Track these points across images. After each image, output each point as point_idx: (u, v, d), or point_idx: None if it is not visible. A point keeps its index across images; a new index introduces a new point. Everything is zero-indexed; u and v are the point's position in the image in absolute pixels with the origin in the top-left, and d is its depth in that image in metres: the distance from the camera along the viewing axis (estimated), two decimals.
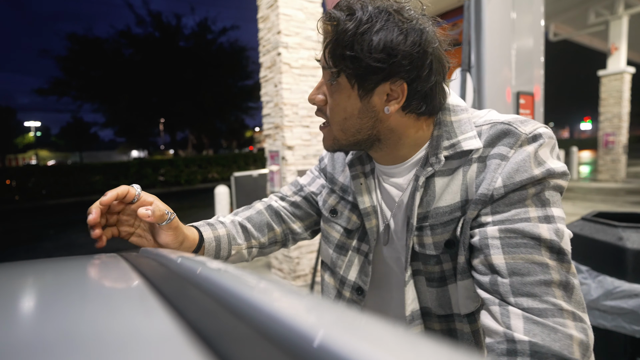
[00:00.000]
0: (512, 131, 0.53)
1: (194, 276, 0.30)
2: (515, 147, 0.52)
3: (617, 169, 8.54)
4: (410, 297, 0.61)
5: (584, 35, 9.28)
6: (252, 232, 0.75)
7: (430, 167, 0.58)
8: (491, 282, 0.49)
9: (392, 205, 0.66)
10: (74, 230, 6.78)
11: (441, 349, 0.15)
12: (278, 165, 3.14)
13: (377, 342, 0.15)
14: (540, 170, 0.50)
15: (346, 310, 0.20)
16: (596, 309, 1.35)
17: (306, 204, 0.80)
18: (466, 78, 1.79)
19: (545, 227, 0.49)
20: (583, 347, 0.44)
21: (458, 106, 0.61)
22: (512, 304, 0.47)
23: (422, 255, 0.60)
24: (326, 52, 0.54)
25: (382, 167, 0.66)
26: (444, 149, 0.57)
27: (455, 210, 0.56)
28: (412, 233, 0.59)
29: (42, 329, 0.20)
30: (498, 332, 0.46)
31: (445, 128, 0.59)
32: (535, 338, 0.44)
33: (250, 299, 0.21)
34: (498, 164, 0.52)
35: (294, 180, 0.85)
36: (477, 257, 0.52)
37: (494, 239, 0.50)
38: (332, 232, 0.74)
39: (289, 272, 3.15)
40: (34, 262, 0.43)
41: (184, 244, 0.64)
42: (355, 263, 0.70)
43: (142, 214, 0.56)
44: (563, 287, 0.47)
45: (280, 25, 2.94)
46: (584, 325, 0.46)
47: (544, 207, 0.50)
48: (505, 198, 0.51)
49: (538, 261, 0.48)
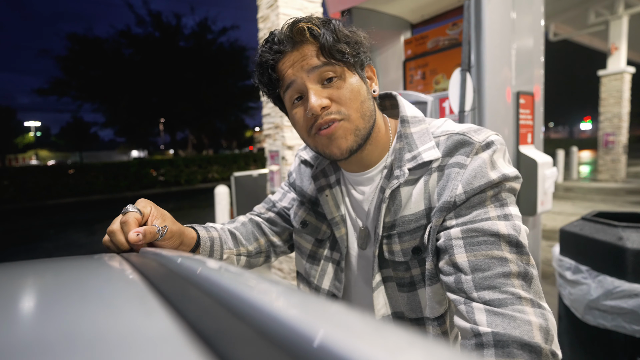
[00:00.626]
0: (467, 141, 0.58)
1: (194, 276, 0.30)
2: (472, 155, 0.57)
3: (617, 169, 8.54)
4: (380, 303, 0.65)
5: (584, 35, 9.27)
6: (241, 240, 0.79)
7: (395, 180, 0.61)
8: (456, 281, 0.52)
9: (361, 213, 0.69)
10: (74, 230, 6.78)
11: (441, 349, 0.15)
12: (278, 165, 3.14)
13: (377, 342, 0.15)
14: (496, 174, 0.55)
15: (346, 310, 0.20)
16: (596, 308, 1.35)
17: (280, 219, 0.84)
18: (466, 78, 1.79)
19: (503, 224, 0.52)
20: (543, 331, 0.46)
21: (415, 117, 0.66)
22: (476, 299, 0.50)
23: (392, 262, 0.63)
24: (324, 54, 0.58)
25: (350, 175, 0.69)
26: (407, 162, 0.62)
27: (421, 218, 0.60)
28: (377, 242, 0.63)
29: (42, 329, 0.20)
30: (467, 329, 0.49)
31: (406, 140, 0.63)
32: (497, 328, 0.46)
33: (250, 299, 0.21)
34: (457, 172, 0.57)
35: (267, 198, 0.89)
36: (443, 259, 0.56)
37: (457, 240, 0.54)
38: (304, 242, 0.78)
39: (289, 272, 3.15)
40: (34, 262, 0.43)
41: (183, 241, 0.65)
42: (327, 271, 0.73)
43: (134, 239, 0.53)
44: (522, 277, 0.50)
45: (281, 25, 2.94)
46: (543, 311, 0.48)
47: (502, 207, 0.54)
48: (467, 202, 0.55)
49: (497, 256, 0.51)
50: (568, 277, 1.48)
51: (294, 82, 0.59)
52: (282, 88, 0.62)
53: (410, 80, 2.58)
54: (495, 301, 0.48)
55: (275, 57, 0.60)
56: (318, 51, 0.58)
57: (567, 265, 1.51)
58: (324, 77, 0.59)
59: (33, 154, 44.36)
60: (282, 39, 0.60)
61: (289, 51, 0.59)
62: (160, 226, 0.59)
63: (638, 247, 1.28)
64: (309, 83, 0.59)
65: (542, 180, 1.87)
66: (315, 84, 0.59)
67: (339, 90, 0.59)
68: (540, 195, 1.87)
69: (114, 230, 0.56)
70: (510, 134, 1.94)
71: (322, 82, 0.59)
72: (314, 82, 0.59)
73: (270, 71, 0.61)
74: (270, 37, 0.62)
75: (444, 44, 2.36)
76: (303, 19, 0.59)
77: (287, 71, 0.60)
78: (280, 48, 0.59)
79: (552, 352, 0.45)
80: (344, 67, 0.59)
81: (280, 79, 0.61)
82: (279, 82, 0.62)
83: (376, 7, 2.53)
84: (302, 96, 0.61)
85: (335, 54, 0.58)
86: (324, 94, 0.59)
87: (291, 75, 0.59)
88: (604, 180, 8.75)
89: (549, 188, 1.91)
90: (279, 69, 0.61)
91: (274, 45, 0.60)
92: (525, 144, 1.98)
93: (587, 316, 1.38)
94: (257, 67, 0.63)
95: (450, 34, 2.31)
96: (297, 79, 0.59)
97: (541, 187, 1.87)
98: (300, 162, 0.84)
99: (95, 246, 5.36)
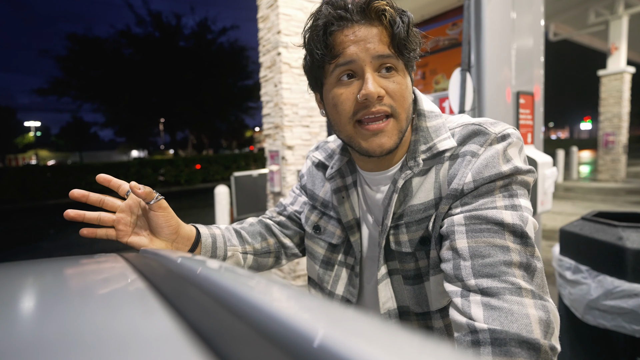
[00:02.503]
0: (482, 131, 0.56)
1: (194, 276, 0.30)
2: (486, 145, 0.55)
3: (617, 168, 8.54)
4: (386, 296, 0.63)
5: (584, 35, 9.27)
6: (246, 238, 0.77)
7: (409, 170, 0.60)
8: (454, 267, 0.51)
9: (379, 213, 0.67)
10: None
11: (441, 349, 0.15)
12: (278, 165, 3.13)
13: (377, 342, 0.15)
14: (508, 167, 0.53)
15: (346, 310, 0.19)
16: (596, 308, 1.35)
17: (291, 222, 0.83)
18: (466, 78, 1.79)
19: (510, 213, 0.50)
20: (543, 324, 0.44)
21: (432, 112, 0.64)
22: (473, 287, 0.47)
23: (399, 254, 0.62)
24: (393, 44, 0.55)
25: (368, 174, 0.67)
26: (421, 153, 0.60)
27: (429, 208, 0.59)
28: (385, 233, 0.62)
29: (42, 329, 0.20)
30: (462, 324, 0.47)
31: (422, 133, 0.62)
32: (494, 324, 0.44)
33: (250, 299, 0.21)
34: (469, 160, 0.55)
35: (278, 202, 0.87)
36: (444, 245, 0.54)
37: (460, 226, 0.52)
38: (317, 248, 0.75)
39: (289, 272, 3.15)
40: (34, 262, 0.43)
41: (181, 233, 0.65)
42: (342, 277, 0.72)
43: (134, 185, 0.59)
44: (524, 268, 0.48)
45: (280, 25, 2.94)
46: (544, 302, 0.46)
47: (511, 198, 0.52)
48: (475, 191, 0.53)
49: (499, 244, 0.49)
50: (568, 277, 1.48)
51: (353, 62, 0.54)
52: (335, 61, 0.56)
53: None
54: (493, 289, 0.46)
55: (340, 24, 0.55)
56: (389, 39, 0.55)
57: (567, 265, 1.51)
58: (383, 66, 0.55)
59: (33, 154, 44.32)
60: (353, 9, 0.54)
61: (356, 24, 0.54)
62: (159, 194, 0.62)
63: (638, 247, 1.28)
64: (369, 68, 0.55)
65: (542, 180, 1.87)
66: (374, 70, 0.55)
67: (395, 85, 0.56)
68: (540, 195, 1.87)
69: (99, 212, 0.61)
70: None
71: (380, 70, 0.56)
72: (375, 68, 0.55)
73: (329, 36, 0.55)
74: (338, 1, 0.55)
75: (444, 44, 2.36)
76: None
77: (349, 46, 0.54)
78: (348, 16, 0.54)
79: (551, 347, 0.43)
80: (404, 64, 0.57)
81: (337, 50, 0.55)
82: (333, 51, 0.55)
83: None
84: (354, 76, 0.56)
85: (403, 49, 0.55)
86: (381, 83, 0.55)
87: (353, 53, 0.54)
88: (604, 180, 8.75)
89: (549, 188, 1.91)
90: (337, 38, 0.55)
91: (340, 11, 0.54)
92: (525, 144, 1.98)
93: (587, 316, 1.38)
94: (313, 28, 0.57)
95: (450, 34, 2.31)
96: (358, 60, 0.54)
97: (541, 187, 1.87)
98: (312, 163, 0.81)
99: (95, 246, 5.36)
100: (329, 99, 0.59)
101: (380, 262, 0.63)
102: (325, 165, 0.76)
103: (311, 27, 0.57)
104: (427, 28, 2.59)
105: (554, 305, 0.47)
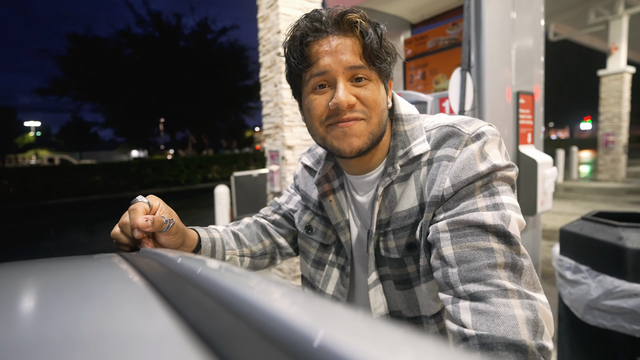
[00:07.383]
0: (456, 132, 0.57)
1: (194, 276, 0.30)
2: (461, 147, 0.55)
3: (617, 168, 8.53)
4: (377, 301, 0.64)
5: (584, 35, 9.27)
6: (244, 241, 0.79)
7: (387, 177, 0.61)
8: (444, 274, 0.51)
9: (366, 217, 0.69)
10: (74, 230, 6.78)
11: (441, 349, 0.15)
12: (278, 165, 3.13)
13: (377, 342, 0.15)
14: (485, 165, 0.53)
15: (346, 310, 0.19)
16: (596, 308, 1.35)
17: (285, 221, 0.84)
18: (466, 78, 1.79)
19: (491, 214, 0.51)
20: (530, 324, 0.44)
21: (410, 115, 0.65)
22: (462, 293, 0.48)
23: (388, 259, 0.63)
24: (365, 55, 0.57)
25: (352, 178, 0.69)
26: (399, 158, 0.62)
27: (414, 215, 0.60)
28: (371, 239, 0.63)
29: (42, 329, 0.20)
30: (454, 332, 0.48)
31: (400, 137, 0.63)
32: (482, 328, 0.44)
33: (250, 299, 0.21)
34: (446, 165, 0.56)
35: (273, 201, 0.89)
36: (433, 254, 0.54)
37: (444, 232, 0.53)
38: (309, 247, 0.77)
39: (289, 272, 3.15)
40: (34, 262, 0.43)
41: (185, 241, 0.65)
42: (332, 276, 0.73)
43: (142, 224, 0.55)
44: (510, 268, 0.48)
45: (280, 25, 2.94)
46: (532, 302, 0.46)
47: (492, 196, 0.52)
48: (455, 195, 0.54)
49: (483, 247, 0.49)
50: (568, 277, 1.48)
51: (326, 72, 0.57)
52: (310, 70, 0.58)
53: (410, 80, 2.58)
54: (479, 294, 0.46)
55: (315, 36, 0.57)
56: (361, 50, 0.57)
57: (567, 265, 1.51)
58: (355, 76, 0.58)
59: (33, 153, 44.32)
60: (328, 21, 0.57)
61: (330, 35, 0.57)
62: (168, 219, 0.59)
63: (638, 247, 1.28)
64: (342, 77, 0.57)
65: (542, 180, 1.87)
66: (347, 80, 0.58)
67: (367, 92, 0.58)
68: (540, 195, 1.87)
69: (126, 223, 0.57)
70: (510, 133, 1.93)
71: (353, 79, 0.58)
72: (347, 78, 0.57)
73: (305, 47, 0.58)
74: (314, 14, 0.58)
75: (444, 43, 2.36)
76: (355, 11, 0.57)
77: (322, 57, 0.57)
78: (323, 28, 0.57)
79: (540, 347, 0.43)
80: (377, 73, 0.59)
81: (312, 60, 0.58)
82: (308, 60, 0.58)
83: (376, 7, 2.53)
84: (326, 85, 0.59)
85: (375, 59, 0.57)
86: (353, 92, 0.58)
87: (327, 64, 0.57)
88: (604, 180, 8.75)
89: (549, 188, 1.91)
90: (313, 48, 0.58)
91: (316, 23, 0.57)
92: (525, 144, 1.98)
93: (587, 316, 1.38)
94: (291, 40, 0.60)
95: (450, 34, 2.31)
96: (331, 71, 0.57)
97: (541, 187, 1.87)
98: (302, 166, 0.83)
99: (95, 246, 5.36)
100: (305, 105, 0.62)
101: (370, 267, 0.64)
102: (313, 170, 0.78)
103: (290, 38, 0.60)
104: (427, 28, 2.59)
105: (546, 302, 0.47)
